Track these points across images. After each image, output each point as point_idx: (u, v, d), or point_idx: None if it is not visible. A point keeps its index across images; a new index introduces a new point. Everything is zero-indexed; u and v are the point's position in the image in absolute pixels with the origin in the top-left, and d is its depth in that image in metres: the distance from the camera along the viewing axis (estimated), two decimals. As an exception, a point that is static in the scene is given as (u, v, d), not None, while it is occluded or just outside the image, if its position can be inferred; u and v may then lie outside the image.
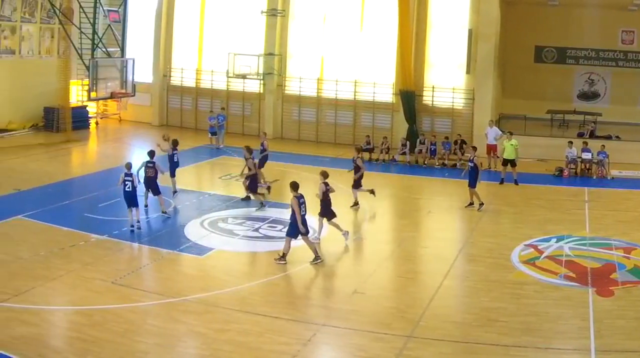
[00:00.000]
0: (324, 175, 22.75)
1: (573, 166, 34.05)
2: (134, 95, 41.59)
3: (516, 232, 24.54)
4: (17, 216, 24.23)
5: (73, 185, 30.02)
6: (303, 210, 20.80)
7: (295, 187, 20.98)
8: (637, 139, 37.55)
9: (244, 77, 41.93)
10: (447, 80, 39.81)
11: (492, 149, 34.67)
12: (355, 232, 24.49)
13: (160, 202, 25.66)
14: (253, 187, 27.04)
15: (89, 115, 44.69)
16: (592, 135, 37.41)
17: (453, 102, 39.58)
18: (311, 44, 42.61)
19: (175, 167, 28.42)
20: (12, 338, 15.04)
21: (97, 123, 45.40)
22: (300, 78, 42.48)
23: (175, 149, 28.58)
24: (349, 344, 15.84)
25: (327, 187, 22.62)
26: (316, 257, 20.83)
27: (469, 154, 28.47)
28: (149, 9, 45.71)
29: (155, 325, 16.34)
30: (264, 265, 20.94)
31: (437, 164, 36.01)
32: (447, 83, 39.76)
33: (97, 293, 17.92)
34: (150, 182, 25.56)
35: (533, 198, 29.77)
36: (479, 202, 27.24)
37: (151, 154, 25.88)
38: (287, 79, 42.98)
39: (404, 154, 36.72)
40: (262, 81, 42.64)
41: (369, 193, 27.49)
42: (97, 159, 37.37)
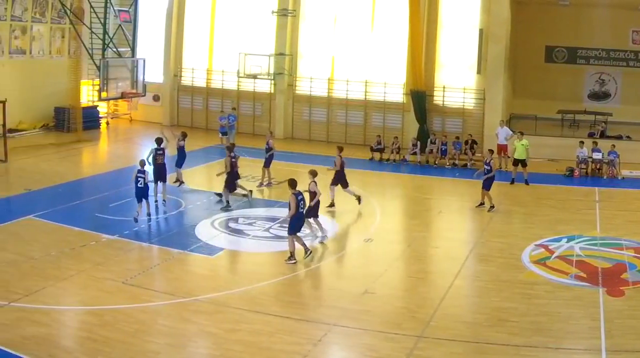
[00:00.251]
0: (313, 174, 23.01)
1: (584, 166, 33.97)
2: (145, 95, 41.63)
3: (527, 232, 24.50)
4: (28, 216, 24.31)
5: (84, 185, 30.09)
6: (301, 207, 21.00)
7: (293, 184, 21.01)
8: (648, 139, 37.42)
9: (254, 77, 41.86)
10: (457, 80, 39.73)
11: (503, 149, 34.62)
12: (365, 232, 24.49)
13: (163, 189, 26.25)
14: (230, 186, 26.83)
15: (100, 115, 44.82)
16: (603, 135, 37.26)
17: (464, 102, 39.53)
18: (322, 44, 42.57)
19: (183, 158, 28.89)
20: (23, 338, 15.08)
21: (107, 123, 45.52)
22: (311, 78, 42.48)
23: (183, 141, 29.06)
24: (359, 344, 15.84)
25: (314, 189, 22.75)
26: (291, 256, 20.86)
27: (486, 157, 28.31)
28: (160, 9, 45.77)
29: (166, 325, 16.38)
30: (275, 265, 20.92)
31: (447, 164, 35.99)
32: (457, 83, 39.68)
33: (108, 293, 17.97)
34: (161, 168, 26.28)
35: (544, 198, 29.72)
36: (490, 204, 27.20)
37: (159, 140, 26.76)
38: (297, 79, 42.99)
39: (415, 153, 36.71)
40: (272, 81, 42.63)
41: (355, 199, 27.09)
42: (108, 159, 37.38)
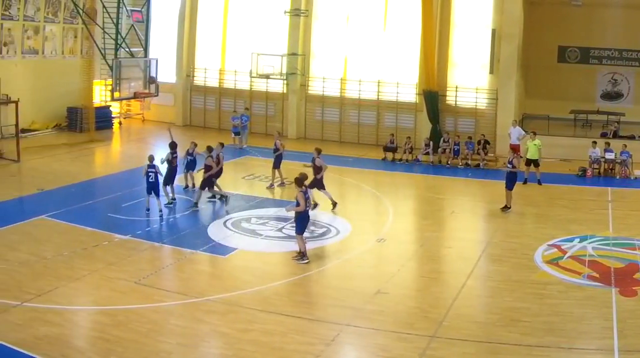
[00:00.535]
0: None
1: (596, 166, 33.86)
2: (157, 95, 41.66)
3: (539, 232, 24.43)
4: (40, 216, 24.38)
5: (96, 185, 30.13)
6: (308, 205, 21.04)
7: (300, 182, 21.03)
8: (661, 139, 37.23)
9: (267, 77, 41.86)
10: (470, 80, 39.66)
11: (515, 149, 34.45)
12: (378, 232, 24.48)
13: (171, 190, 26.74)
14: (207, 184, 26.75)
15: (112, 115, 44.96)
16: (616, 135, 37.11)
17: (476, 102, 39.45)
18: (334, 44, 42.55)
19: (194, 166, 28.92)
20: (35, 338, 15.12)
21: (120, 123, 45.69)
22: (324, 78, 42.44)
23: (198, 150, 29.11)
24: (372, 344, 15.83)
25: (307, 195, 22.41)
26: (303, 256, 20.89)
27: (509, 156, 28.20)
28: (172, 9, 45.90)
29: (178, 325, 16.39)
30: (287, 266, 20.90)
31: (460, 163, 35.97)
32: (470, 83, 39.62)
33: (121, 293, 18.01)
34: (175, 171, 26.94)
35: (556, 198, 29.62)
36: (507, 204, 27.11)
37: (173, 145, 27.43)
38: (310, 79, 42.97)
39: (427, 153, 36.66)
40: (285, 81, 42.64)
41: (332, 205, 26.95)
42: (121, 159, 37.50)
